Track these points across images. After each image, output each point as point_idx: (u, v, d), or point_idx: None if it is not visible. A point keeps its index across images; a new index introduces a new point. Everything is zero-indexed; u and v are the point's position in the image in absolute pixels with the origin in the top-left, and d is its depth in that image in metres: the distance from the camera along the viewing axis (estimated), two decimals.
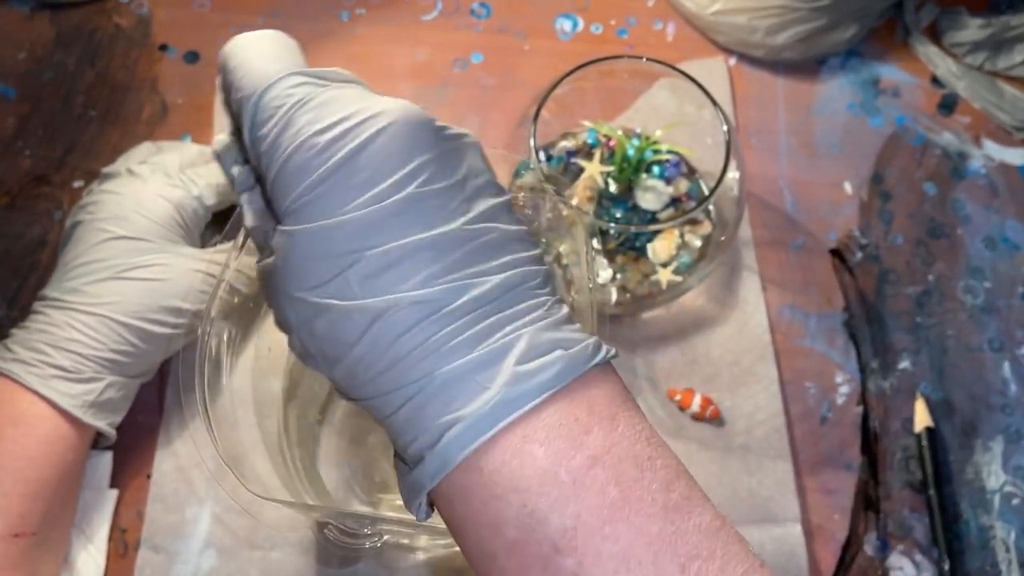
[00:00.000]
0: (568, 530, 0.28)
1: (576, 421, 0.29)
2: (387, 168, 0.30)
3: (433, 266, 0.30)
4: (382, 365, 0.30)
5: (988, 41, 0.68)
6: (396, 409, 0.30)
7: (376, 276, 0.29)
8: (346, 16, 0.70)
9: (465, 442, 0.29)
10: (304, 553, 0.52)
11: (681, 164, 0.59)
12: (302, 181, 0.30)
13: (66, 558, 0.51)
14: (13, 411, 0.47)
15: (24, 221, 0.61)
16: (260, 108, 0.31)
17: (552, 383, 0.29)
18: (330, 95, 0.31)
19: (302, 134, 0.30)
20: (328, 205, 0.30)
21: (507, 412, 0.29)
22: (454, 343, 0.29)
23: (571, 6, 0.71)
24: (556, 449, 0.28)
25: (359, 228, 0.29)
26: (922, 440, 0.56)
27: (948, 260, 0.62)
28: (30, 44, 0.68)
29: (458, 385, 0.29)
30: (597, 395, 0.30)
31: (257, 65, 0.32)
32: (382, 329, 0.29)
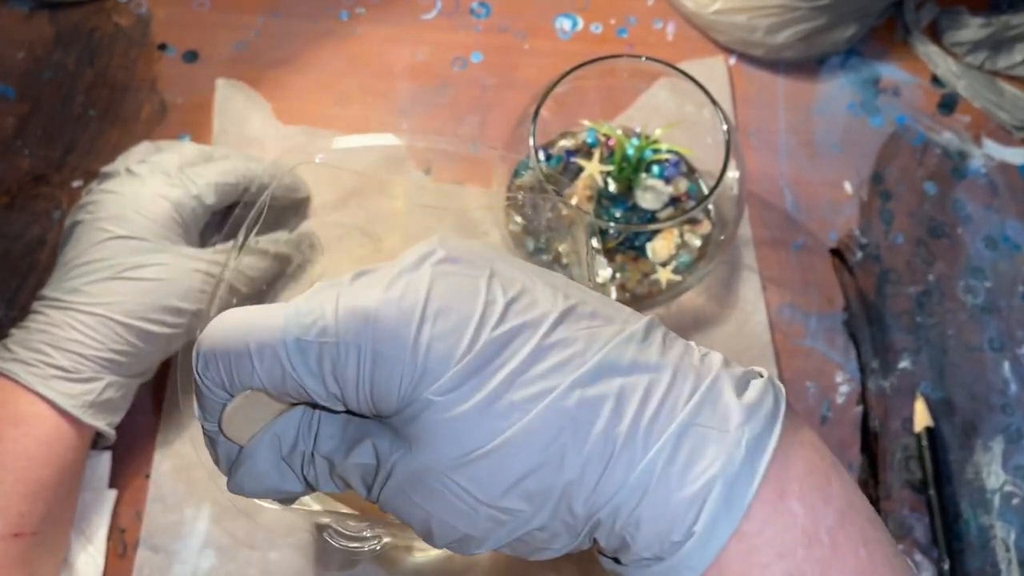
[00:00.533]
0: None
1: (817, 470, 0.26)
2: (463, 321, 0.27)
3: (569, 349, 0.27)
4: (599, 465, 0.26)
5: (988, 40, 0.68)
6: (638, 501, 0.26)
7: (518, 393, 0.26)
8: (346, 16, 0.70)
9: (739, 498, 0.25)
10: (303, 554, 0.52)
11: (681, 163, 0.59)
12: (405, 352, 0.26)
13: (65, 558, 0.51)
14: (13, 411, 0.47)
15: (23, 221, 0.61)
16: (299, 331, 0.27)
17: (775, 413, 0.26)
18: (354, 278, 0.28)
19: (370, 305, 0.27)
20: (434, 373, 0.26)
21: (761, 452, 0.26)
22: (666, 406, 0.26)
23: (571, 5, 0.71)
24: (811, 504, 0.26)
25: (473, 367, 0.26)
26: (922, 440, 0.56)
27: (948, 260, 0.62)
28: (29, 44, 0.68)
29: (691, 439, 0.25)
30: (812, 437, 0.28)
31: (250, 325, 0.28)
32: (573, 431, 0.26)
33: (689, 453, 0.26)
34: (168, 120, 0.66)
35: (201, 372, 0.29)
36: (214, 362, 0.28)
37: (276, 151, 0.63)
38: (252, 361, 0.27)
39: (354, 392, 0.27)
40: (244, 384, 0.28)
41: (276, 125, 0.65)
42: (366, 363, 0.26)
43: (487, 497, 0.27)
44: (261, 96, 0.66)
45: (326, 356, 0.27)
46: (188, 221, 0.53)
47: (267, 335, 0.27)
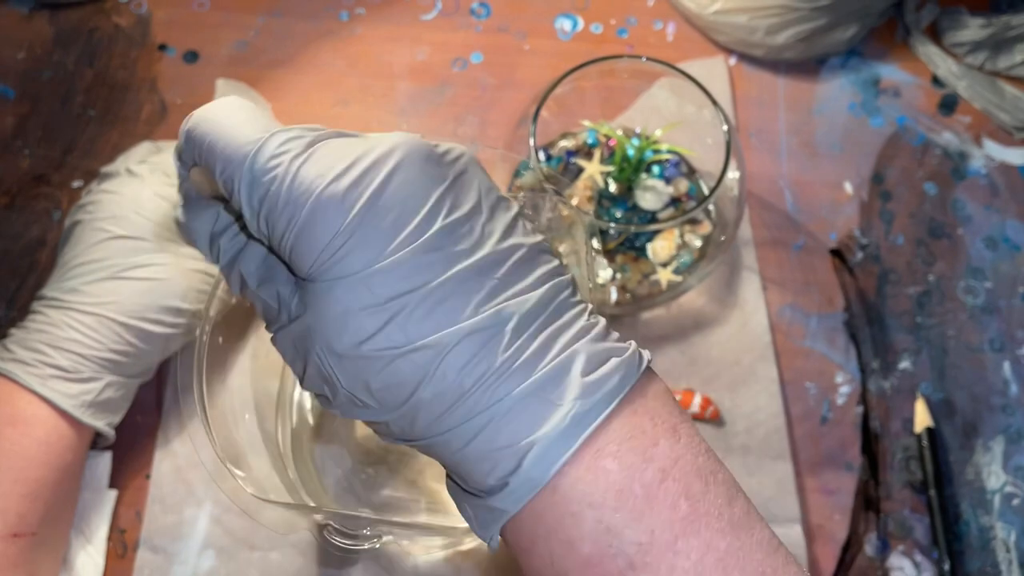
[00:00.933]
0: (643, 545, 0.28)
1: (644, 433, 0.29)
2: (411, 205, 0.29)
3: (478, 294, 0.29)
4: (447, 402, 0.29)
5: (988, 41, 0.68)
6: (466, 443, 0.29)
7: (426, 316, 0.29)
8: (346, 16, 0.70)
9: (549, 462, 0.28)
10: (303, 554, 0.52)
11: (681, 164, 0.59)
12: (329, 233, 0.29)
13: (65, 558, 0.51)
14: (12, 411, 0.47)
15: (23, 221, 0.61)
16: (256, 171, 0.29)
17: (618, 390, 0.29)
18: (327, 145, 0.30)
19: (315, 186, 0.29)
20: (363, 254, 0.29)
21: (585, 425, 0.28)
22: (516, 365, 0.29)
23: (571, 6, 0.71)
24: (628, 463, 0.28)
25: (401, 272, 0.29)
26: (922, 440, 0.56)
27: (948, 260, 0.62)
28: (29, 44, 0.68)
29: (530, 406, 0.29)
30: (655, 405, 0.30)
31: (235, 131, 0.30)
32: (442, 367, 0.29)
33: (523, 417, 0.29)
34: (168, 120, 0.65)
35: (183, 137, 0.32)
36: (191, 141, 0.32)
37: None
38: (216, 163, 0.31)
39: (277, 244, 0.30)
40: (208, 168, 0.31)
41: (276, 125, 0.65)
42: (293, 230, 0.29)
43: (347, 384, 0.30)
44: (261, 96, 0.66)
45: (267, 202, 0.29)
46: None
47: (234, 152, 0.30)
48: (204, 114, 0.31)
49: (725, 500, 0.29)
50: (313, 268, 0.29)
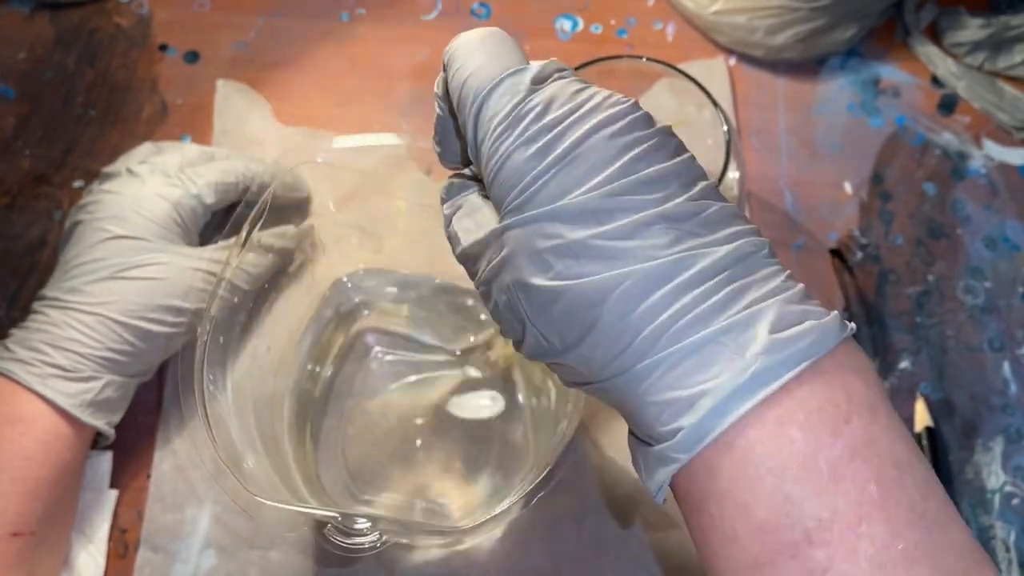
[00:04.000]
0: (823, 521, 0.27)
1: (836, 407, 0.28)
2: (608, 156, 0.30)
3: (662, 238, 0.29)
4: (623, 342, 0.29)
5: (988, 41, 0.68)
6: (639, 386, 0.29)
7: (607, 253, 0.29)
8: (346, 16, 0.70)
9: (723, 412, 0.28)
10: (303, 553, 0.52)
11: None
12: (525, 174, 0.30)
13: (66, 558, 0.51)
14: (11, 410, 0.47)
15: (24, 221, 0.61)
16: (486, 107, 0.32)
17: (810, 352, 0.28)
18: (552, 90, 0.31)
19: (528, 130, 0.31)
20: (552, 195, 0.30)
21: (766, 382, 0.27)
22: (697, 312, 0.28)
23: (571, 6, 0.71)
24: (816, 435, 0.27)
25: (584, 209, 0.30)
26: (922, 440, 0.56)
27: (948, 260, 0.62)
28: (30, 44, 0.68)
29: (708, 354, 0.28)
30: (854, 381, 0.29)
31: (482, 63, 0.32)
32: (618, 304, 0.29)
33: (698, 364, 0.28)
34: (169, 120, 0.66)
35: (445, 62, 0.35)
36: (448, 68, 0.34)
37: (276, 152, 0.63)
38: (456, 92, 0.33)
39: (485, 175, 0.32)
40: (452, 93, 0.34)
41: (276, 126, 0.65)
42: (500, 161, 0.31)
43: (533, 318, 0.31)
44: (261, 97, 0.66)
45: (482, 131, 0.32)
46: (188, 221, 0.53)
47: (478, 84, 0.32)
48: (462, 43, 0.34)
49: (920, 493, 0.28)
50: (511, 201, 0.31)
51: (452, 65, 0.34)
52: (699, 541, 0.30)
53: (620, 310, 0.29)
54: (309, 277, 0.55)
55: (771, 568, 0.27)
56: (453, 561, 0.51)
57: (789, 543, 0.27)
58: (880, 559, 0.26)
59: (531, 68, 0.32)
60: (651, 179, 0.30)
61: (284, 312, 0.54)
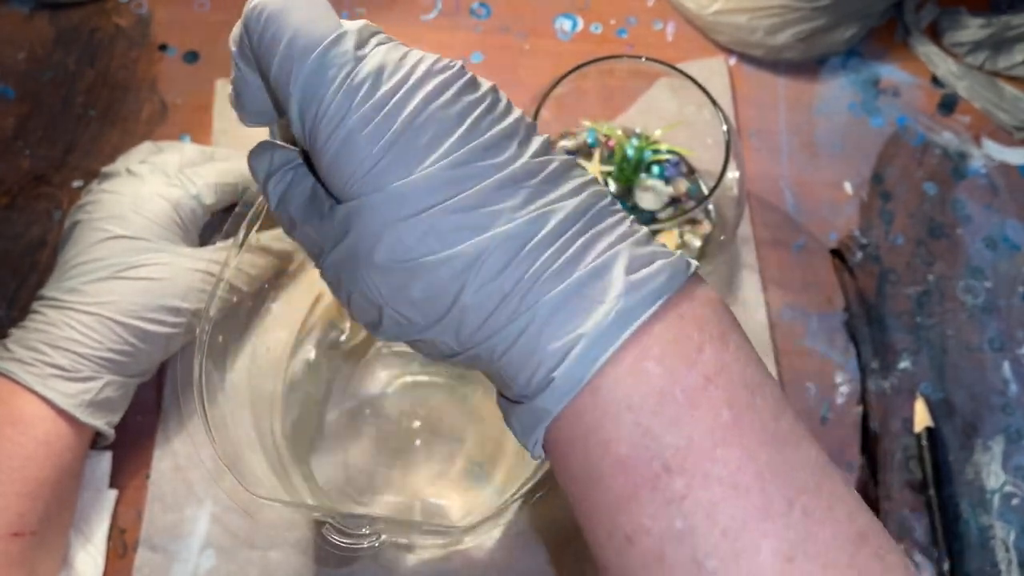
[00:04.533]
0: (680, 450, 0.27)
1: (689, 338, 0.29)
2: (448, 124, 0.30)
3: (512, 200, 0.29)
4: (489, 307, 0.29)
5: (988, 41, 0.68)
6: (510, 346, 0.29)
7: (463, 225, 0.29)
8: (346, 16, 0.70)
9: (594, 357, 0.28)
10: (303, 553, 0.52)
11: (681, 164, 0.59)
12: (367, 152, 0.29)
13: (65, 558, 0.51)
14: (11, 410, 0.47)
15: (24, 221, 0.61)
16: (312, 81, 0.30)
17: (665, 289, 0.29)
18: (378, 58, 0.30)
19: (363, 104, 0.30)
20: (400, 167, 0.29)
21: (628, 322, 0.28)
22: (555, 267, 0.29)
23: (571, 6, 0.71)
24: (671, 367, 0.28)
25: (435, 183, 0.29)
26: (922, 440, 0.56)
27: (948, 260, 0.62)
28: (30, 44, 0.68)
29: (571, 304, 0.29)
30: (704, 312, 0.30)
31: (300, 27, 0.30)
32: (482, 270, 0.29)
33: (564, 316, 0.29)
34: (169, 120, 0.66)
35: (245, 20, 0.32)
36: (254, 28, 0.32)
37: None
38: (274, 58, 0.31)
39: (319, 156, 0.31)
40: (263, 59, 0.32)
41: None
42: (336, 140, 0.30)
43: (391, 299, 0.31)
44: None
45: (313, 107, 0.30)
46: (187, 221, 0.53)
47: (300, 53, 0.30)
48: (270, 2, 0.31)
49: (771, 414, 0.28)
50: (352, 182, 0.30)
51: (265, 26, 0.31)
52: (569, 490, 0.31)
53: (484, 276, 0.29)
54: (308, 278, 0.55)
55: (634, 502, 0.28)
56: (452, 561, 0.51)
57: (649, 475, 0.28)
58: (734, 480, 0.27)
59: (350, 33, 0.31)
60: (491, 143, 0.30)
61: (284, 312, 0.54)
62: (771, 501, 0.27)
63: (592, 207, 0.30)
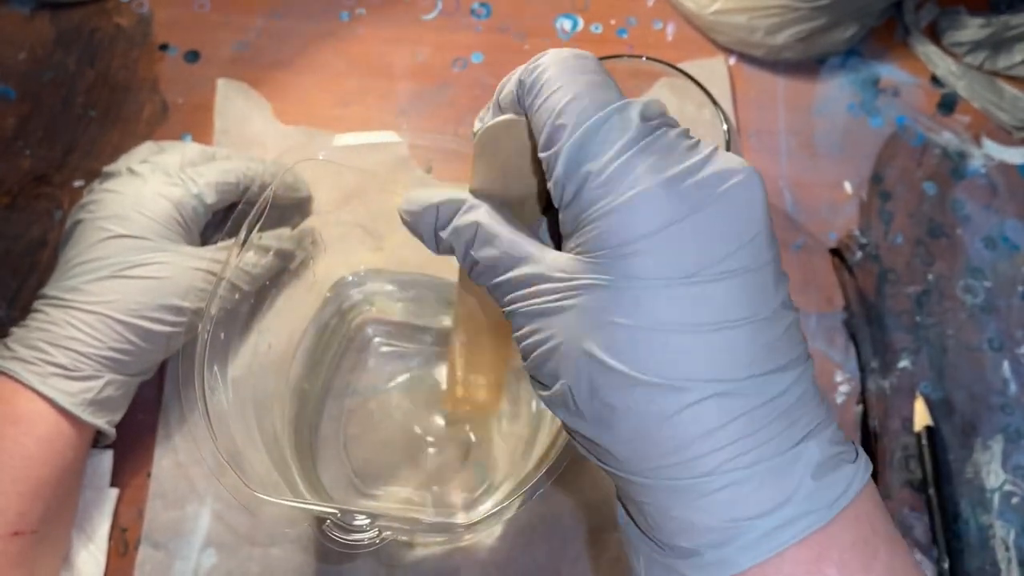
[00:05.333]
0: None
1: (866, 543, 0.28)
2: (728, 235, 0.27)
3: (744, 354, 0.27)
4: (669, 450, 0.27)
5: (988, 41, 0.68)
6: (674, 498, 0.28)
7: (681, 352, 0.27)
8: (346, 16, 0.70)
9: (756, 554, 0.27)
10: (304, 550, 0.52)
11: None
12: (637, 228, 0.27)
13: (66, 557, 0.51)
14: (12, 409, 0.47)
15: (24, 221, 0.62)
16: (593, 140, 0.28)
17: (844, 500, 0.28)
18: (669, 140, 0.28)
19: (645, 180, 0.27)
20: (652, 264, 0.27)
21: (803, 530, 0.27)
22: (753, 442, 0.27)
23: (571, 6, 0.71)
24: (850, 572, 0.28)
25: (677, 299, 0.27)
26: (922, 439, 0.56)
27: (948, 260, 0.62)
28: (30, 44, 0.68)
29: (753, 488, 0.27)
30: (876, 513, 0.29)
31: (586, 90, 0.29)
32: (679, 412, 0.27)
33: (739, 495, 0.27)
34: (169, 120, 0.66)
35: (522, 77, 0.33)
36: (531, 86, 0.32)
37: (277, 151, 0.63)
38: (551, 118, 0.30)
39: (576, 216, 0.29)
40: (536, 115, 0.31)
41: (276, 125, 0.65)
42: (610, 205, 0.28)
43: (580, 395, 0.28)
44: (262, 96, 0.66)
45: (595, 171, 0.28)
46: (189, 220, 0.53)
47: (582, 112, 0.29)
48: (559, 62, 0.30)
49: None
50: (611, 249, 0.27)
51: (547, 84, 0.30)
52: None
53: (678, 421, 0.27)
54: (310, 275, 0.55)
55: None
56: (453, 558, 0.51)
57: None
58: None
59: (634, 103, 0.29)
60: (753, 274, 0.28)
61: (285, 310, 0.54)
62: None
63: (806, 389, 0.29)
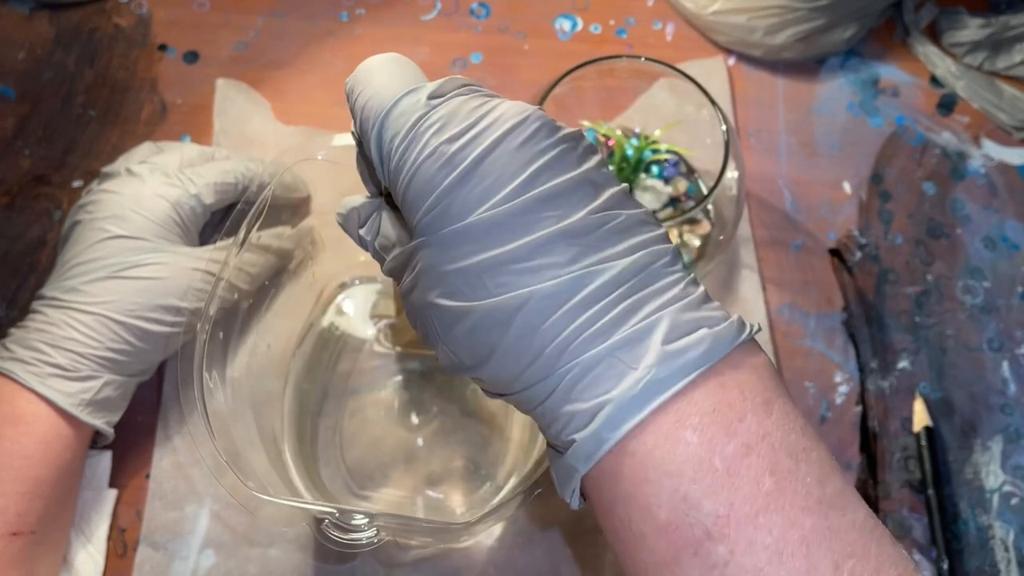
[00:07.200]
0: (721, 517, 0.28)
1: (729, 407, 0.29)
2: (511, 170, 0.30)
3: (562, 255, 0.30)
4: (526, 359, 0.30)
5: (987, 41, 0.68)
6: (545, 398, 0.30)
7: (509, 274, 0.30)
8: (346, 16, 0.70)
9: (617, 423, 0.29)
10: (302, 550, 0.52)
11: (680, 164, 0.59)
12: (431, 192, 0.31)
13: (65, 558, 0.51)
14: (11, 410, 0.47)
15: (24, 221, 0.61)
16: (386, 127, 0.32)
17: (701, 361, 0.29)
18: (452, 105, 0.32)
19: (429, 146, 0.31)
20: (457, 212, 0.30)
21: (658, 392, 0.29)
22: (595, 328, 0.29)
23: (571, 6, 0.71)
24: (710, 435, 0.28)
25: (487, 229, 0.30)
26: (921, 440, 0.56)
27: (947, 260, 0.62)
28: (30, 44, 0.68)
29: (605, 368, 0.29)
30: (749, 379, 0.30)
31: (379, 86, 0.33)
32: (521, 324, 0.30)
33: (595, 379, 0.29)
34: (168, 120, 0.66)
35: (348, 91, 0.35)
36: (348, 97, 0.35)
37: (276, 151, 0.63)
38: (357, 117, 0.34)
39: (396, 198, 0.33)
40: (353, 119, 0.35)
41: (276, 125, 0.65)
42: (405, 183, 0.32)
43: (443, 337, 0.32)
44: (261, 96, 0.66)
45: (389, 155, 0.32)
46: (187, 221, 0.53)
47: (371, 108, 0.33)
48: (361, 68, 0.34)
49: (816, 479, 0.29)
50: (417, 224, 0.31)
51: (353, 92, 0.34)
52: (613, 543, 0.31)
53: (521, 330, 0.30)
54: (310, 275, 0.55)
55: (676, 566, 0.29)
56: (452, 558, 0.51)
57: (690, 541, 0.28)
58: (778, 547, 0.27)
59: (428, 86, 0.33)
60: (552, 194, 0.31)
61: (284, 310, 0.54)
62: (816, 566, 0.27)
63: (645, 267, 0.31)
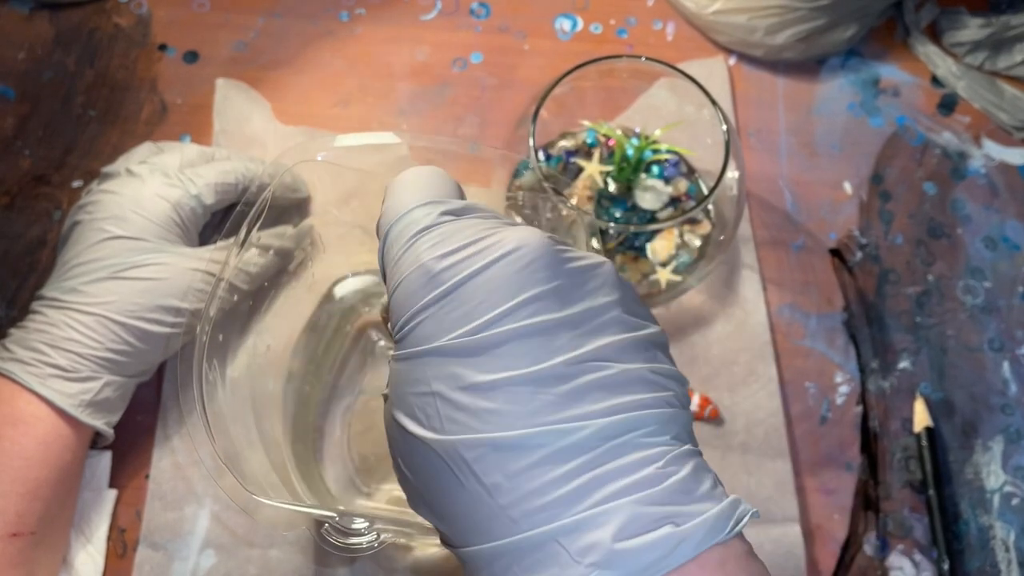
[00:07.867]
0: None
1: None
2: (494, 299, 0.29)
3: (526, 404, 0.27)
4: (471, 514, 0.28)
5: (988, 41, 0.68)
6: (483, 567, 0.28)
7: (462, 410, 0.28)
8: (346, 16, 0.70)
9: None
10: (302, 551, 0.52)
11: (680, 163, 0.59)
12: (410, 307, 0.30)
13: (65, 558, 0.51)
14: (11, 411, 0.47)
15: (24, 221, 0.61)
16: (391, 233, 0.32)
17: (654, 569, 0.26)
18: (458, 224, 0.31)
19: (420, 259, 0.30)
20: (429, 333, 0.29)
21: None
22: (545, 500, 0.27)
23: (571, 6, 0.71)
24: None
25: (449, 358, 0.28)
26: (922, 440, 0.56)
27: (948, 260, 0.62)
28: (30, 44, 0.68)
29: (547, 554, 0.26)
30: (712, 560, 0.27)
31: (402, 194, 0.33)
32: (467, 473, 0.27)
33: (536, 561, 0.27)
34: (168, 120, 0.66)
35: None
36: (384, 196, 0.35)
37: (276, 151, 0.63)
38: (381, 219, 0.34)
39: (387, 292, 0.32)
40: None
41: (276, 125, 0.65)
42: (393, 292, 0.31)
43: (402, 460, 0.31)
44: (261, 96, 0.66)
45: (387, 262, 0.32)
46: (187, 221, 0.53)
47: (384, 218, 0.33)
48: (398, 178, 0.34)
49: None
50: (397, 331, 0.31)
51: (384, 197, 0.34)
52: None
53: (467, 479, 0.27)
54: (310, 275, 0.55)
55: None
56: (452, 561, 0.51)
57: None
58: None
59: (448, 202, 0.32)
60: (530, 331, 0.28)
61: (285, 310, 0.54)
62: None
63: (620, 435, 0.27)
